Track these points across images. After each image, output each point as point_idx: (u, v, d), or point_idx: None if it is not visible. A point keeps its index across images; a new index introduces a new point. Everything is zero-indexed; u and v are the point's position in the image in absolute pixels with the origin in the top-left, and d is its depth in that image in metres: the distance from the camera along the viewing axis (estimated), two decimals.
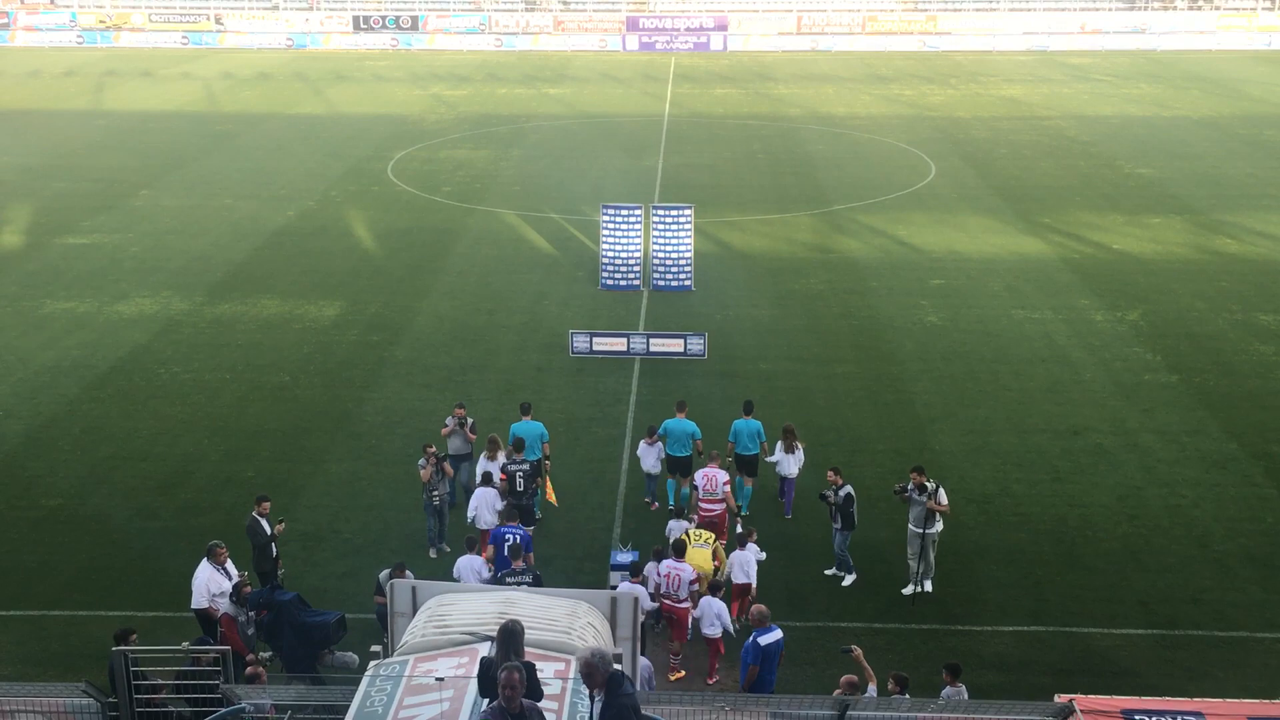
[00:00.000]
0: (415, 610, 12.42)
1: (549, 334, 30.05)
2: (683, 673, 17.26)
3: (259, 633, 16.26)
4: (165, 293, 33.33)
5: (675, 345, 28.48)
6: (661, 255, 33.35)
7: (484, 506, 19.58)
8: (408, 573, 15.60)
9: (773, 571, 19.28)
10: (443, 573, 18.19)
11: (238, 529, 19.01)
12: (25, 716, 12.63)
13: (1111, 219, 40.63)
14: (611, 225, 33.32)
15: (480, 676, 10.29)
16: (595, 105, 63.69)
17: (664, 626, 17.59)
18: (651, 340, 28.71)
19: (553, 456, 21.91)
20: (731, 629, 16.96)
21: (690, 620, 17.19)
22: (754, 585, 17.88)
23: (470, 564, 17.44)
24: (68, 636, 18.07)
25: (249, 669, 14.58)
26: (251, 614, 16.20)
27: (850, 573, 19.43)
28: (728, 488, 19.83)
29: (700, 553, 17.74)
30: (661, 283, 33.30)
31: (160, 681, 13.89)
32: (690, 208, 33.55)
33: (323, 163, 49.45)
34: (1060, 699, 12.08)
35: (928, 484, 18.62)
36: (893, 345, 29.54)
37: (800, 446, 21.33)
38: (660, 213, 33.50)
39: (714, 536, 18.38)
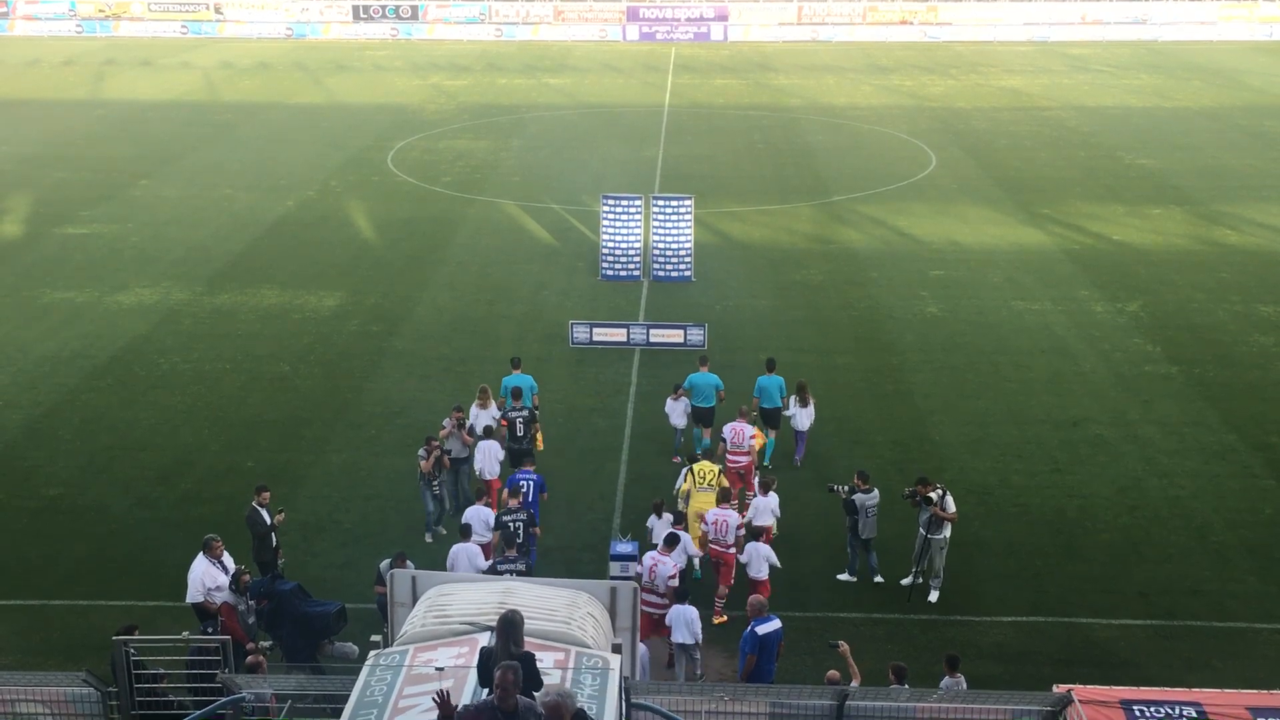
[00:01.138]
0: (415, 600, 12.45)
1: (549, 324, 30.04)
2: (725, 617, 18.14)
3: (259, 622, 16.27)
4: (165, 283, 33.31)
5: (675, 336, 28.49)
6: (661, 246, 33.33)
7: (489, 457, 20.63)
8: (408, 563, 15.62)
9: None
10: (441, 558, 18.30)
11: (238, 519, 19.02)
12: (26, 705, 12.67)
13: (1112, 210, 40.60)
14: (611, 216, 33.30)
15: (480, 667, 10.32)
16: (595, 95, 63.60)
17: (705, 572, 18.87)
18: (651, 331, 28.72)
19: (553, 446, 22.27)
20: (778, 563, 18.06)
21: (736, 565, 18.25)
22: (774, 530, 18.96)
23: (465, 551, 17.47)
24: (68, 626, 18.10)
25: (250, 658, 14.61)
26: (252, 603, 16.22)
27: (852, 573, 19.29)
28: (754, 441, 21.15)
29: (705, 496, 19.23)
30: (661, 273, 33.30)
31: (161, 671, 13.93)
32: (690, 198, 33.53)
33: (322, 153, 49.39)
34: (1059, 689, 12.13)
35: (933, 495, 18.54)
36: (893, 336, 29.54)
37: (812, 401, 22.88)
38: (660, 203, 33.48)
39: (718, 471, 19.72)
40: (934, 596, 18.74)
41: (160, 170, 46.43)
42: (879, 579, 19.10)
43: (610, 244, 33.49)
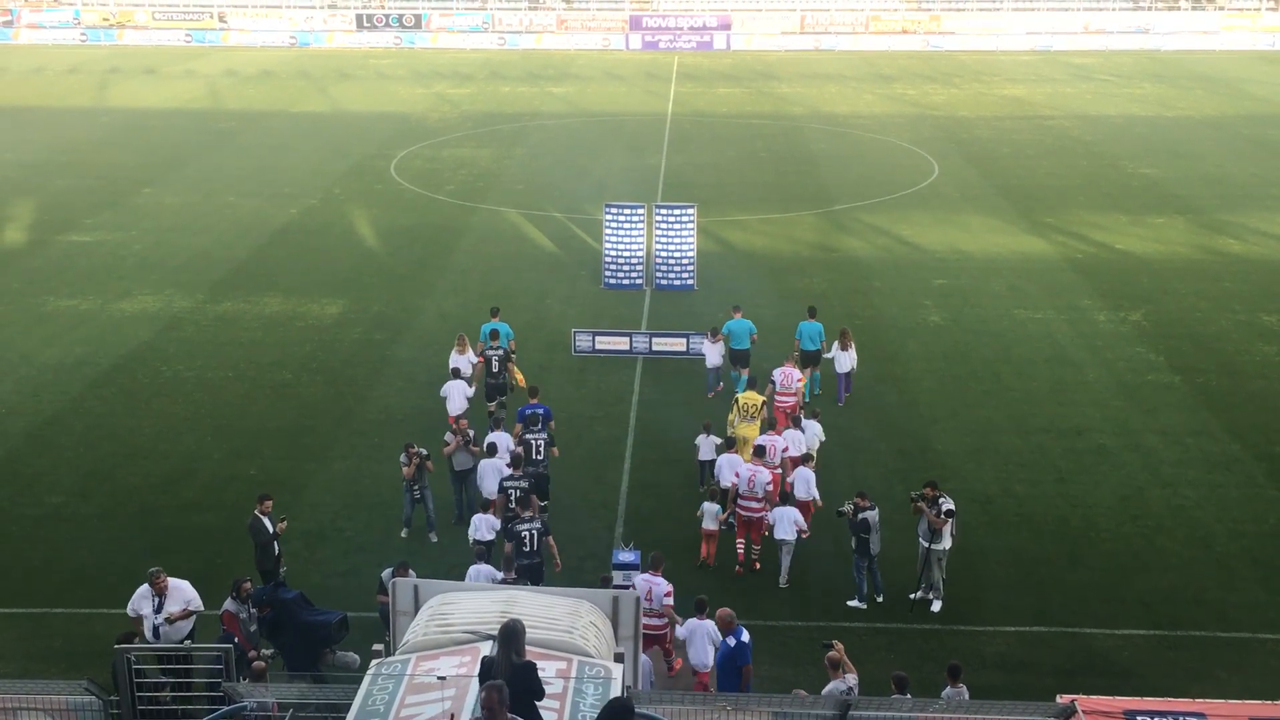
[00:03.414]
0: (417, 609, 12.43)
1: (552, 333, 30.05)
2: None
3: (261, 630, 16.26)
4: (168, 290, 33.35)
5: (678, 344, 28.48)
6: (664, 254, 33.34)
7: (456, 394, 23.88)
8: (410, 571, 15.61)
9: (777, 571, 19.37)
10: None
11: (240, 527, 19.04)
12: (28, 714, 12.65)
13: (1115, 219, 40.60)
14: (614, 224, 33.32)
15: (482, 676, 10.30)
16: (598, 104, 63.68)
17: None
18: (654, 339, 28.72)
19: (555, 452, 22.16)
20: (806, 525, 19.40)
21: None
22: (815, 456, 21.28)
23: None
24: (70, 634, 18.09)
25: (254, 664, 14.60)
26: (254, 611, 16.20)
27: (861, 599, 19.02)
28: (800, 384, 24.13)
29: (750, 427, 21.72)
30: (664, 282, 33.30)
31: (163, 680, 13.92)
32: (693, 207, 33.55)
33: (326, 161, 49.46)
34: (1062, 699, 12.07)
35: (941, 500, 18.49)
36: (895, 345, 29.53)
37: (853, 345, 25.82)
38: (663, 212, 33.49)
39: (762, 403, 22.35)
40: (936, 607, 18.71)
41: (164, 178, 46.51)
42: (880, 598, 19.03)
43: (613, 252, 33.50)
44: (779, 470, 20.53)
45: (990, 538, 20.83)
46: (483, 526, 18.85)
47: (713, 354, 26.32)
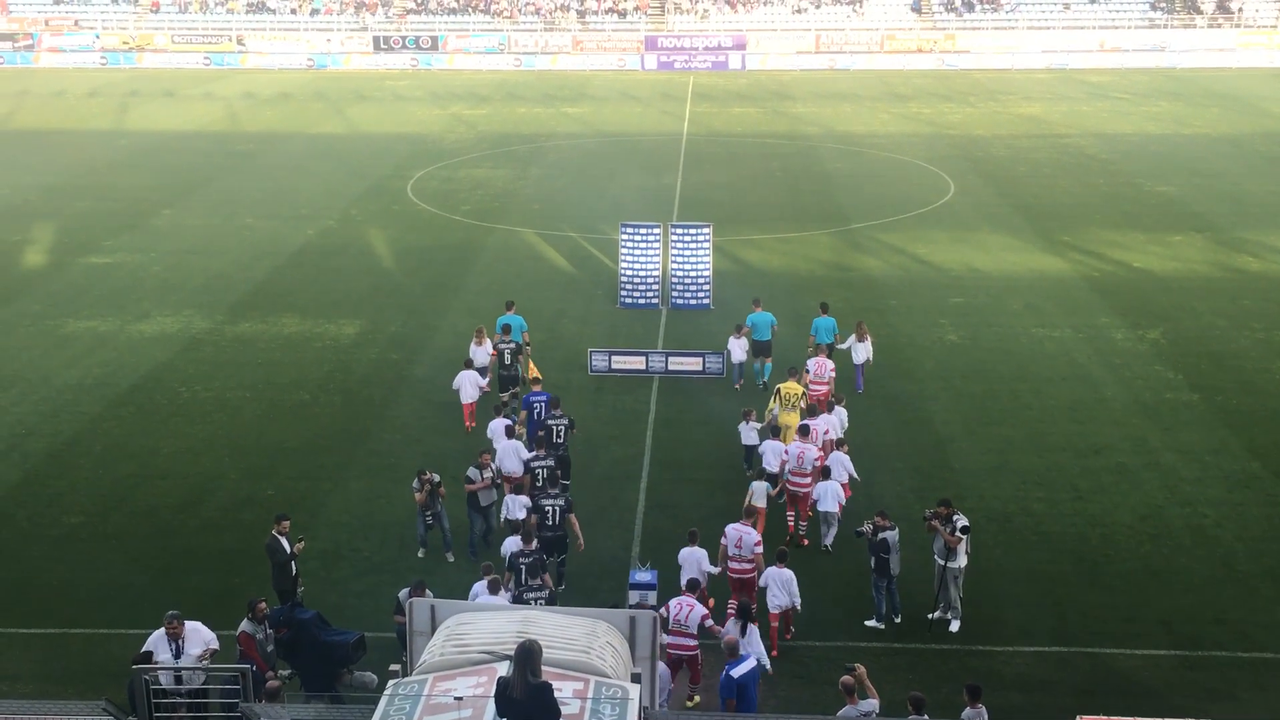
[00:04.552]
0: (434, 629, 12.43)
1: (568, 352, 30.08)
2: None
3: (278, 650, 16.26)
4: (186, 311, 33.52)
5: (694, 364, 28.48)
6: (680, 274, 33.38)
7: (468, 384, 25.44)
8: (427, 591, 15.61)
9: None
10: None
11: (257, 547, 19.07)
12: None
13: (1132, 237, 40.48)
14: (630, 244, 33.38)
15: (498, 696, 10.29)
16: (614, 124, 63.87)
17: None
18: (670, 359, 28.72)
19: (572, 473, 22.45)
20: (852, 481, 21.69)
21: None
22: (844, 440, 22.63)
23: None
24: (88, 655, 18.14)
25: (269, 684, 14.60)
26: (270, 632, 16.21)
27: (879, 619, 18.90)
28: (833, 374, 25.64)
29: (792, 415, 23.13)
30: (680, 301, 33.33)
31: (180, 700, 13.93)
32: (709, 226, 33.58)
33: (343, 182, 49.70)
34: None
35: (955, 517, 18.42)
36: (912, 363, 29.47)
37: (869, 337, 27.49)
38: (679, 231, 33.54)
39: (802, 392, 23.95)
40: (955, 627, 18.61)
41: (182, 200, 46.79)
42: (898, 619, 18.92)
43: (629, 272, 33.55)
44: (821, 451, 21.77)
45: (1008, 557, 20.73)
46: (514, 506, 19.95)
47: (738, 349, 27.82)
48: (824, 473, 21.00)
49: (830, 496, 20.68)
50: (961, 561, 18.48)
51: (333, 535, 21.54)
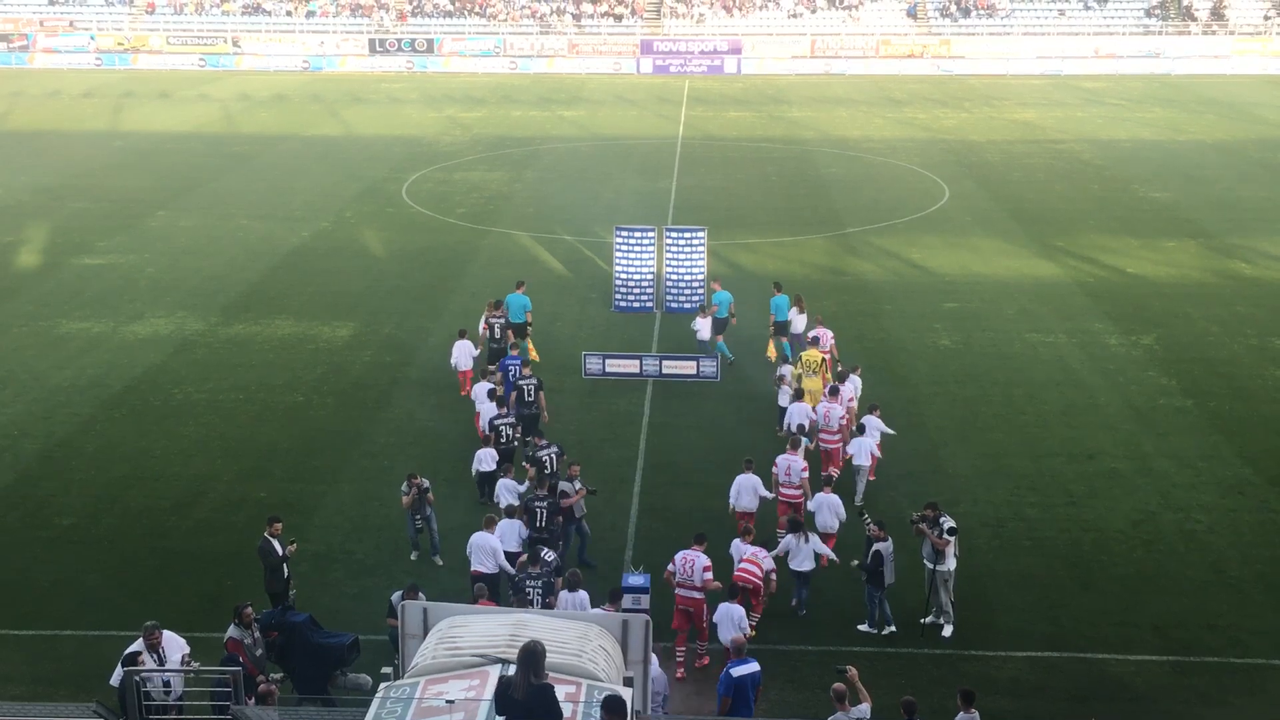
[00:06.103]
0: (426, 632, 12.42)
1: (562, 355, 30.07)
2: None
3: (269, 654, 16.22)
4: (180, 313, 33.47)
5: (688, 367, 28.49)
6: (674, 277, 33.39)
7: (462, 354, 27.17)
8: (420, 594, 15.59)
9: (787, 593, 19.28)
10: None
11: (250, 550, 19.03)
12: None
13: (1126, 242, 40.55)
14: (625, 247, 33.39)
15: (498, 697, 10.29)
16: (609, 127, 63.90)
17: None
18: (664, 362, 28.72)
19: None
20: (881, 440, 23.04)
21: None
22: (855, 408, 24.25)
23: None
24: (80, 656, 18.09)
25: (260, 687, 14.57)
26: (259, 635, 16.14)
27: (872, 625, 18.84)
28: (833, 341, 27.37)
29: (814, 380, 24.88)
30: (674, 304, 33.34)
31: (173, 703, 13.91)
32: (703, 230, 33.61)
33: (338, 184, 49.67)
34: None
35: (942, 519, 18.41)
36: (906, 368, 29.50)
37: (807, 309, 29.47)
38: (673, 235, 33.56)
39: (822, 360, 25.62)
40: (948, 632, 18.60)
41: (177, 201, 46.73)
42: (892, 628, 18.86)
43: (623, 275, 33.56)
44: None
45: (1001, 561, 20.75)
46: (486, 459, 21.89)
47: (704, 328, 29.45)
48: (859, 428, 22.74)
49: (864, 451, 22.40)
50: (950, 564, 18.46)
51: (325, 538, 21.50)
